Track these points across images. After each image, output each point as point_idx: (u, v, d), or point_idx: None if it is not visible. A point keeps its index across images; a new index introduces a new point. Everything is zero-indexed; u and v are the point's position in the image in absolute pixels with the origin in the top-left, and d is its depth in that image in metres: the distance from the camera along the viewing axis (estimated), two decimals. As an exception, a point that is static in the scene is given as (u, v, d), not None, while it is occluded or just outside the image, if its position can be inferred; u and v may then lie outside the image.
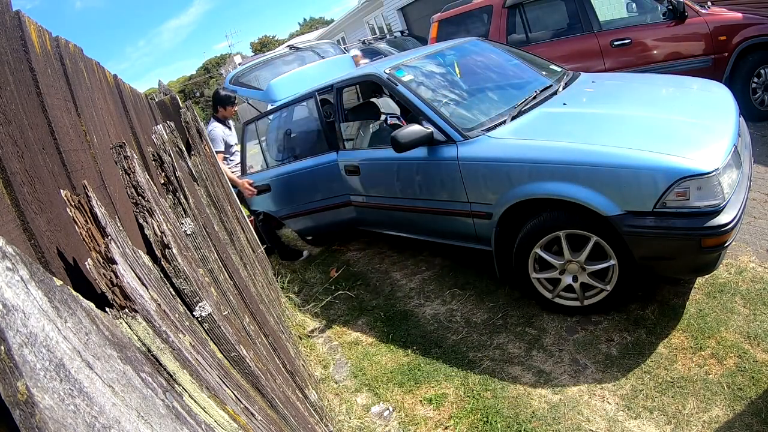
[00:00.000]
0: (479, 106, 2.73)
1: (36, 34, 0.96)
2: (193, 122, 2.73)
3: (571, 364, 2.09)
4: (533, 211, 2.23)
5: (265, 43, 48.23)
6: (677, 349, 2.01)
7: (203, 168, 2.14)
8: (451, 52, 3.22)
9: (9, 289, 0.36)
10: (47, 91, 0.93)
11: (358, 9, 15.85)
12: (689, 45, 4.12)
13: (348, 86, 3.41)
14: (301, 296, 3.45)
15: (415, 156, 2.55)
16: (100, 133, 1.34)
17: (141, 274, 0.71)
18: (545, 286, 2.37)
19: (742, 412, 1.68)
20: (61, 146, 0.92)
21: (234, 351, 0.98)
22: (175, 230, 1.05)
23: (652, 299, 2.33)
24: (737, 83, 4.02)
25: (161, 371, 0.61)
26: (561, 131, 2.24)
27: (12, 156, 0.69)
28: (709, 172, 1.79)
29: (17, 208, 0.67)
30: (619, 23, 4.52)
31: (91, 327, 0.46)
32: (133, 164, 0.92)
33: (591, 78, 3.00)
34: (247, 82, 4.60)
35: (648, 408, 1.79)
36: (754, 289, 2.22)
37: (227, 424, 0.69)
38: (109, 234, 0.68)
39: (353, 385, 2.36)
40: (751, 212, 2.82)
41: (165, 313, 0.71)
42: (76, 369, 0.39)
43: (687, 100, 2.50)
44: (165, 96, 3.44)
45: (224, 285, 1.39)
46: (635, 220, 1.91)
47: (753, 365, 1.84)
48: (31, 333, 0.36)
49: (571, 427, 1.80)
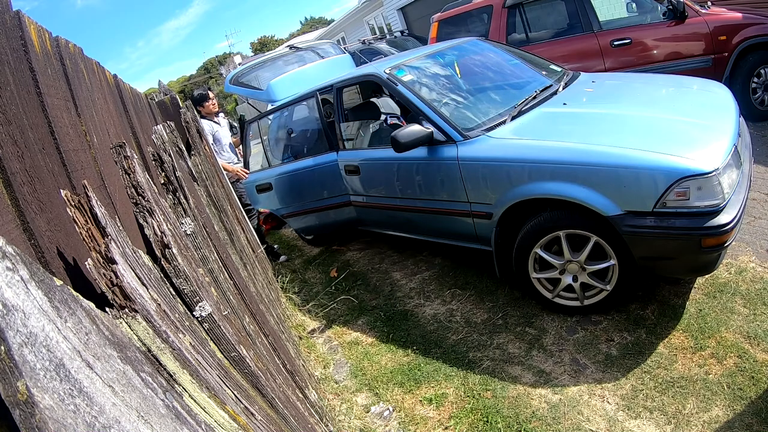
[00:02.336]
0: (479, 106, 2.73)
1: (36, 34, 0.96)
2: (193, 122, 2.73)
3: (571, 364, 2.09)
4: (533, 211, 2.23)
5: (265, 43, 48.22)
6: (677, 349, 2.01)
7: (203, 168, 2.14)
8: (451, 52, 3.22)
9: (9, 289, 0.36)
10: (47, 91, 0.93)
11: (358, 9, 15.85)
12: (689, 45, 4.12)
13: (348, 86, 3.41)
14: (301, 296, 3.45)
15: (415, 156, 2.55)
16: (100, 133, 1.35)
17: (141, 274, 0.71)
18: (545, 286, 2.37)
19: (742, 412, 1.68)
20: (61, 146, 0.92)
21: (234, 351, 0.98)
22: (175, 230, 1.05)
23: (652, 299, 2.33)
24: (737, 83, 4.02)
25: (161, 371, 0.61)
26: (561, 131, 2.24)
27: (12, 156, 0.69)
28: (709, 172, 1.79)
29: (17, 208, 0.67)
30: (619, 23, 4.52)
31: (91, 327, 0.46)
32: (133, 164, 0.92)
33: (591, 78, 3.00)
34: (247, 82, 4.59)
35: (648, 408, 1.80)
36: (754, 289, 2.22)
37: (227, 423, 0.69)
38: (109, 234, 0.68)
39: (353, 385, 2.36)
40: (751, 212, 2.82)
41: (165, 313, 0.71)
42: (76, 369, 0.39)
43: (687, 100, 2.50)
44: (165, 96, 3.44)
45: (224, 285, 1.39)
46: (635, 220, 1.91)
47: (753, 365, 1.84)
48: (31, 333, 0.36)
49: (571, 427, 1.80)
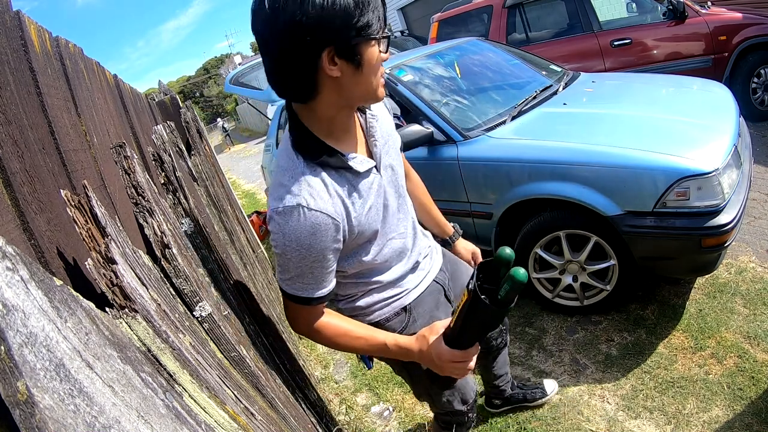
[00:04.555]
0: (479, 106, 2.73)
1: (36, 34, 0.96)
2: (193, 122, 2.73)
3: (571, 364, 2.09)
4: (533, 211, 2.23)
5: (265, 43, 48.05)
6: (677, 349, 2.01)
7: (203, 168, 2.14)
8: (451, 52, 3.22)
9: (9, 289, 0.36)
10: (47, 91, 0.93)
11: (358, 9, 15.83)
12: (689, 45, 4.12)
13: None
14: (301, 296, 3.45)
15: (415, 156, 2.55)
16: (100, 133, 1.35)
17: (141, 274, 0.71)
18: (545, 286, 2.37)
19: (742, 412, 1.68)
20: (61, 146, 0.92)
21: (234, 351, 0.98)
22: (175, 230, 1.05)
23: (652, 299, 2.33)
24: (737, 83, 4.02)
25: (161, 371, 0.61)
26: (561, 131, 2.24)
27: (12, 156, 0.69)
28: (709, 172, 1.79)
29: (17, 208, 0.67)
30: (619, 23, 4.53)
31: (91, 327, 0.46)
32: (133, 164, 0.92)
33: (591, 78, 3.00)
34: (247, 82, 4.59)
35: (648, 408, 1.79)
36: (754, 289, 2.22)
37: (227, 423, 0.69)
38: (109, 234, 0.68)
39: (353, 385, 2.36)
40: (751, 212, 2.82)
41: (165, 313, 0.71)
42: (76, 369, 0.39)
43: (687, 100, 2.50)
44: (165, 96, 3.44)
45: (224, 285, 1.39)
46: (635, 220, 1.91)
47: (753, 365, 1.84)
48: (31, 333, 0.36)
49: (571, 427, 1.80)
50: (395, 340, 1.01)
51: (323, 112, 0.89)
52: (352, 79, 0.83)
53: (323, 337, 1.02)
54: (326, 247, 0.89)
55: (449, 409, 1.28)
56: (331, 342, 1.02)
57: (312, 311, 0.99)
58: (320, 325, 1.01)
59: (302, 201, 0.85)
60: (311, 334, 1.02)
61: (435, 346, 0.93)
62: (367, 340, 1.02)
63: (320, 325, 1.01)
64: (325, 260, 0.91)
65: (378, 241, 1.02)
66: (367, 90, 0.87)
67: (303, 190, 0.86)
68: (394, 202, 1.04)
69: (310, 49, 0.78)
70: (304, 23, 0.75)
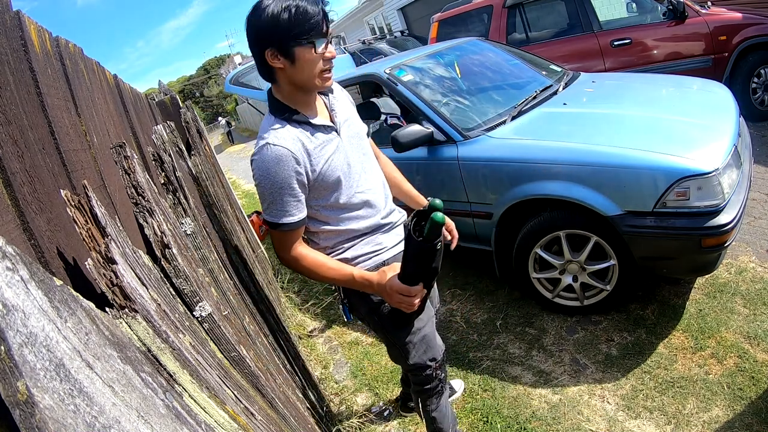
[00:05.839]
0: (479, 106, 2.73)
1: (36, 34, 0.96)
2: (193, 122, 2.73)
3: (571, 364, 2.09)
4: (533, 211, 2.23)
5: (265, 43, 48.00)
6: (677, 349, 2.01)
7: (203, 168, 2.14)
8: (451, 52, 3.21)
9: (9, 289, 0.36)
10: (47, 91, 0.93)
11: (358, 9, 15.84)
12: (689, 45, 4.12)
13: (348, 86, 3.41)
14: (300, 296, 3.45)
15: (415, 156, 2.55)
16: (100, 133, 1.35)
17: (141, 274, 0.71)
18: (545, 286, 2.37)
19: (742, 412, 1.68)
20: (61, 146, 0.92)
21: (234, 351, 0.98)
22: (175, 230, 1.05)
23: (652, 299, 2.33)
24: (737, 83, 4.02)
25: (161, 371, 0.61)
26: (561, 131, 2.24)
27: (12, 156, 0.69)
28: (709, 172, 1.79)
29: (17, 208, 0.67)
30: (619, 23, 4.52)
31: (91, 327, 0.46)
32: (133, 164, 0.92)
33: (591, 78, 3.00)
34: (247, 82, 4.60)
35: (648, 408, 1.80)
36: (754, 289, 2.22)
37: (227, 423, 0.69)
38: (109, 234, 0.68)
39: (353, 385, 2.36)
40: (751, 212, 2.82)
41: (165, 313, 0.71)
42: (76, 369, 0.39)
43: (687, 100, 2.50)
44: (165, 96, 3.44)
45: (224, 285, 1.39)
46: (635, 220, 1.91)
47: (753, 365, 1.84)
48: (31, 333, 0.36)
49: (571, 427, 1.80)
50: (361, 273, 1.24)
51: (285, 92, 1.21)
52: (292, 71, 1.14)
53: (302, 265, 1.25)
54: (289, 176, 1.14)
55: (419, 363, 1.44)
56: (309, 271, 1.25)
57: (286, 237, 1.21)
58: (300, 254, 1.24)
59: (269, 140, 1.14)
60: (291, 263, 1.25)
61: (389, 279, 1.17)
62: (338, 271, 1.25)
63: (300, 254, 1.24)
64: (290, 188, 1.16)
65: (345, 190, 1.26)
66: (307, 78, 1.15)
67: (270, 134, 1.16)
68: (357, 163, 1.30)
69: (261, 48, 1.12)
70: (257, 31, 1.11)
